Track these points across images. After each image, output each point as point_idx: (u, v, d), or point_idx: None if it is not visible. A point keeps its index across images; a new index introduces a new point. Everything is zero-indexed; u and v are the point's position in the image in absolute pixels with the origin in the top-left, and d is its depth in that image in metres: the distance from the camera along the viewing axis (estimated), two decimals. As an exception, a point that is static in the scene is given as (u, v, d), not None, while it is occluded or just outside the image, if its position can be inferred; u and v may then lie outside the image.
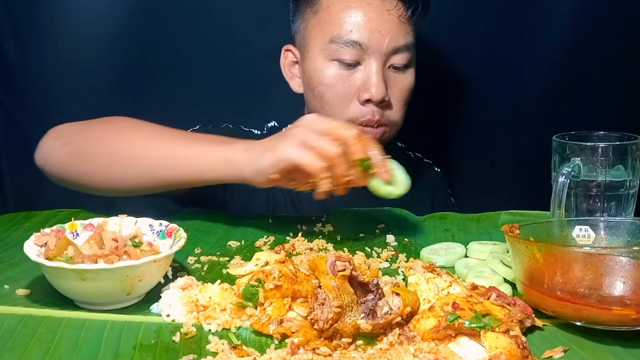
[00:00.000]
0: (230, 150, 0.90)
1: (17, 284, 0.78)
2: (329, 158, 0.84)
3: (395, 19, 1.08)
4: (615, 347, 0.66)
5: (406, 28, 1.09)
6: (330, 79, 1.09)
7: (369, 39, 1.06)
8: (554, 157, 0.94)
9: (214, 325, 0.69)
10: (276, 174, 0.86)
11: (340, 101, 1.09)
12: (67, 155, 0.97)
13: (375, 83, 1.06)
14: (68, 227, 0.82)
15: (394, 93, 1.10)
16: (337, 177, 0.85)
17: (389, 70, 1.09)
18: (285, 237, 0.97)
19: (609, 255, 0.70)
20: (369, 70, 1.08)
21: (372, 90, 1.06)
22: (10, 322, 0.69)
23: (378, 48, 1.07)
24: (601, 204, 0.91)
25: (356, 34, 1.07)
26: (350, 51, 1.07)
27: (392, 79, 1.10)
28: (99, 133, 0.99)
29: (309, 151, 0.84)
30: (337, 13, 1.08)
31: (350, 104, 1.09)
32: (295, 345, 0.63)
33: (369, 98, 1.07)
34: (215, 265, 0.87)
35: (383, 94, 1.07)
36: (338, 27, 1.08)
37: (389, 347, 0.64)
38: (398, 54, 1.08)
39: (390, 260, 0.90)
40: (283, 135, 0.88)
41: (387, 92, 1.08)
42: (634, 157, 0.91)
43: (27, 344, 0.65)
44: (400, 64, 1.09)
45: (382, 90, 1.06)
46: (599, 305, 0.66)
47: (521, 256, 0.73)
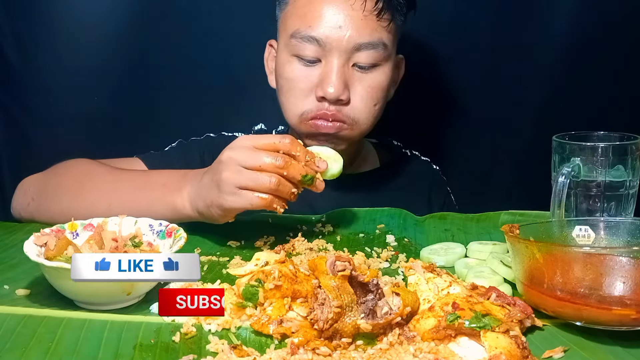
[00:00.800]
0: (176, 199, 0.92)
1: (17, 284, 0.78)
2: (270, 189, 0.84)
3: (360, 14, 1.02)
4: (615, 347, 0.66)
5: (373, 25, 1.03)
6: (290, 74, 1.06)
7: (328, 36, 1.02)
8: (554, 157, 0.94)
9: (214, 325, 0.69)
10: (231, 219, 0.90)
11: (297, 94, 1.06)
12: (34, 210, 1.04)
13: (331, 82, 1.02)
14: (68, 227, 0.82)
15: (358, 92, 1.05)
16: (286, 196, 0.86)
17: (353, 69, 1.05)
18: (285, 237, 0.97)
19: (609, 255, 0.70)
20: (328, 68, 1.03)
21: (327, 89, 1.02)
22: (10, 322, 0.69)
23: (338, 45, 1.02)
24: (601, 204, 0.91)
25: (315, 30, 1.03)
26: (310, 47, 1.03)
27: (356, 78, 1.05)
28: (59, 188, 1.03)
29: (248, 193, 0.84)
30: (300, 7, 1.05)
31: (307, 99, 1.06)
32: (295, 345, 0.63)
33: (322, 96, 1.03)
34: (215, 265, 0.87)
35: (339, 93, 1.03)
36: (299, 21, 1.04)
37: (389, 347, 0.64)
38: (361, 51, 1.03)
39: (390, 260, 0.90)
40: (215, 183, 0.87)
41: (344, 91, 1.03)
42: (634, 157, 0.91)
43: (27, 344, 0.65)
44: (365, 62, 1.04)
45: (339, 90, 1.02)
46: (599, 305, 0.66)
47: (521, 256, 0.73)
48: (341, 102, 1.05)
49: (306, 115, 1.06)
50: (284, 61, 1.08)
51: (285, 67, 1.07)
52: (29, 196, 1.05)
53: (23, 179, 1.10)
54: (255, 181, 0.84)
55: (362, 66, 1.05)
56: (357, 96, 1.06)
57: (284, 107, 1.10)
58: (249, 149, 0.85)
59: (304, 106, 1.06)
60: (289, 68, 1.07)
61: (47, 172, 1.08)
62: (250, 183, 0.84)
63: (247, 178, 0.84)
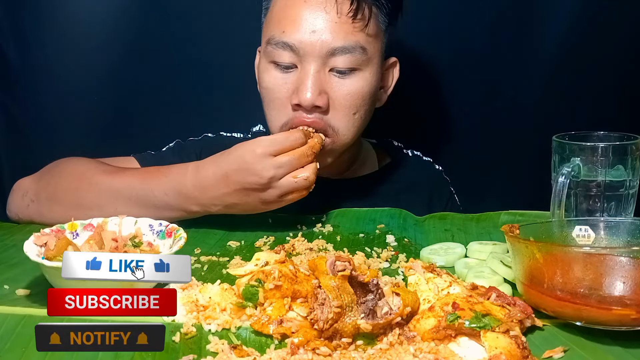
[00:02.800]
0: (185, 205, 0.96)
1: (17, 284, 0.78)
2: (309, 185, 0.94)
3: (334, 17, 0.99)
4: (615, 347, 0.66)
5: (348, 28, 0.99)
6: (267, 82, 1.04)
7: (301, 41, 0.99)
8: (554, 157, 0.94)
9: (214, 325, 0.69)
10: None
11: (276, 105, 1.03)
12: (34, 213, 1.03)
13: (306, 88, 0.98)
14: (68, 227, 0.82)
15: (336, 98, 1.01)
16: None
17: (330, 74, 1.01)
18: (285, 237, 0.97)
19: (609, 255, 0.70)
20: (302, 74, 1.00)
21: (302, 95, 0.99)
22: (10, 322, 0.69)
23: (311, 50, 0.99)
24: (601, 204, 0.91)
25: (288, 35, 1.00)
26: (284, 53, 1.00)
27: (333, 83, 1.01)
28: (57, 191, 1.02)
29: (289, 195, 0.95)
30: (276, 13, 1.03)
31: (286, 109, 1.02)
32: (295, 345, 0.63)
33: (297, 103, 1.00)
34: (215, 265, 0.87)
35: (313, 100, 0.98)
36: (274, 27, 1.02)
37: (389, 347, 0.64)
38: (337, 56, 0.99)
39: (390, 260, 0.90)
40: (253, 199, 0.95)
41: (319, 97, 0.99)
42: (634, 157, 0.91)
43: (27, 344, 0.65)
44: (342, 67, 1.00)
45: (313, 96, 0.98)
46: (599, 305, 0.66)
47: (521, 256, 0.73)
48: (319, 110, 1.00)
49: (286, 128, 1.03)
50: (262, 69, 1.05)
51: (264, 76, 1.05)
52: (27, 199, 1.04)
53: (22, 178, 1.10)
54: (296, 188, 0.94)
55: (340, 71, 1.01)
56: (336, 103, 1.02)
57: (267, 120, 1.08)
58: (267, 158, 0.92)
59: (283, 117, 1.03)
60: (267, 76, 1.04)
61: (42, 173, 1.06)
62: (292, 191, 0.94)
63: (286, 188, 0.93)
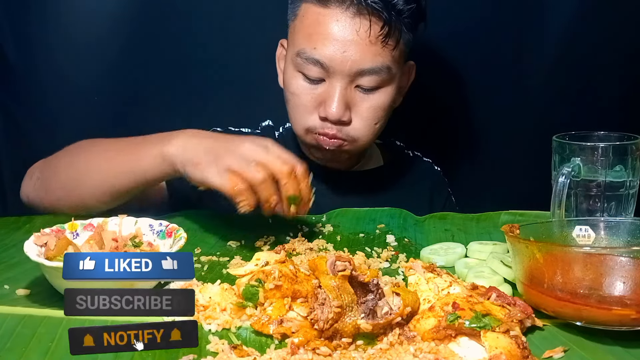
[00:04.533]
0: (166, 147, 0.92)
1: (17, 284, 0.78)
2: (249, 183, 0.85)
3: (365, 40, 1.02)
4: (615, 347, 0.66)
5: (376, 50, 1.03)
6: (295, 89, 1.08)
7: (332, 59, 1.03)
8: (554, 157, 0.94)
9: (214, 325, 0.69)
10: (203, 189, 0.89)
11: (301, 111, 1.09)
12: (40, 190, 1.05)
13: (333, 104, 1.04)
14: (68, 227, 0.82)
15: (359, 111, 1.07)
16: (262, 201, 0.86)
17: (356, 90, 1.06)
18: (285, 237, 0.97)
19: (609, 255, 0.70)
20: (330, 89, 1.05)
21: (329, 110, 1.04)
22: (10, 322, 0.69)
23: (340, 69, 1.03)
24: (601, 204, 0.91)
25: (319, 53, 1.03)
26: (313, 68, 1.05)
27: (357, 99, 1.06)
28: (60, 163, 1.05)
29: (230, 176, 0.85)
30: (307, 25, 1.06)
31: (311, 115, 1.08)
32: (295, 345, 0.63)
33: (324, 116, 1.06)
34: (215, 265, 0.87)
35: (339, 115, 1.04)
36: (304, 41, 1.05)
37: (389, 347, 0.64)
38: (364, 76, 1.04)
39: (390, 260, 0.90)
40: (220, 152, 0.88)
41: (345, 112, 1.05)
42: (634, 157, 0.91)
43: (27, 344, 0.65)
44: (368, 86, 1.05)
45: (340, 112, 1.04)
46: (599, 305, 0.66)
47: (521, 256, 0.73)
48: (343, 123, 1.06)
49: (310, 131, 1.09)
50: (290, 75, 1.09)
51: (291, 82, 1.09)
52: (34, 177, 1.07)
53: (22, 178, 1.10)
54: (245, 171, 0.85)
55: (365, 88, 1.06)
56: (358, 117, 1.07)
57: (290, 117, 1.13)
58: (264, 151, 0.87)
59: (308, 122, 1.09)
60: (294, 83, 1.08)
61: (54, 155, 1.08)
62: (240, 169, 0.85)
63: (242, 164, 0.85)
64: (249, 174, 0.85)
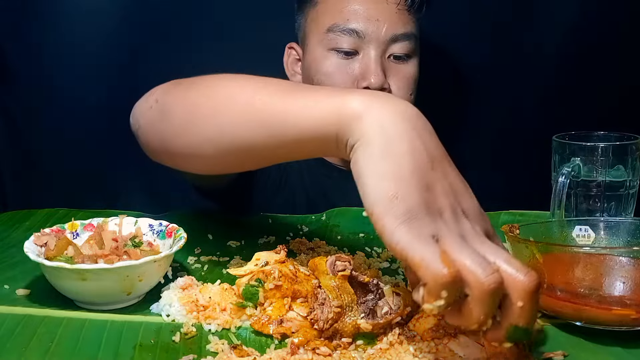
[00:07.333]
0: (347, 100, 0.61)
1: (17, 284, 0.78)
2: (472, 284, 0.52)
3: (394, 7, 1.08)
4: (615, 348, 0.66)
5: (405, 18, 1.09)
6: (328, 68, 1.10)
7: (367, 27, 1.07)
8: (554, 157, 0.94)
9: (214, 325, 0.69)
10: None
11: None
12: (154, 114, 0.80)
13: (373, 71, 1.06)
14: (68, 227, 0.82)
15: (395, 82, 1.10)
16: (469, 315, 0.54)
17: (389, 60, 1.09)
18: (285, 237, 0.97)
19: (609, 255, 0.70)
20: (367, 59, 1.08)
21: (370, 79, 1.06)
22: (10, 322, 0.69)
23: (376, 36, 1.07)
24: (601, 204, 0.91)
25: (354, 23, 1.07)
26: (348, 39, 1.07)
27: (392, 69, 1.10)
28: (189, 87, 0.79)
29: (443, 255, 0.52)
30: (333, 4, 1.10)
31: None
32: (295, 345, 0.63)
33: (366, 86, 1.06)
34: (215, 265, 0.87)
35: (381, 81, 1.06)
36: (336, 16, 1.08)
37: (389, 347, 0.64)
38: (397, 42, 1.09)
39: (390, 260, 0.90)
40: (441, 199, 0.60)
41: (385, 80, 1.08)
42: (634, 157, 0.91)
43: (27, 344, 0.65)
44: (400, 53, 1.09)
45: (380, 78, 1.06)
46: (599, 305, 0.66)
47: (521, 256, 0.72)
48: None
49: None
50: (320, 57, 1.11)
51: (322, 63, 1.10)
52: (152, 99, 0.81)
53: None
54: (476, 260, 0.52)
55: (397, 56, 1.09)
56: (394, 86, 1.10)
57: None
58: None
59: None
60: (327, 63, 1.10)
61: (186, 79, 0.83)
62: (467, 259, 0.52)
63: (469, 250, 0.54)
64: (481, 270, 0.52)
